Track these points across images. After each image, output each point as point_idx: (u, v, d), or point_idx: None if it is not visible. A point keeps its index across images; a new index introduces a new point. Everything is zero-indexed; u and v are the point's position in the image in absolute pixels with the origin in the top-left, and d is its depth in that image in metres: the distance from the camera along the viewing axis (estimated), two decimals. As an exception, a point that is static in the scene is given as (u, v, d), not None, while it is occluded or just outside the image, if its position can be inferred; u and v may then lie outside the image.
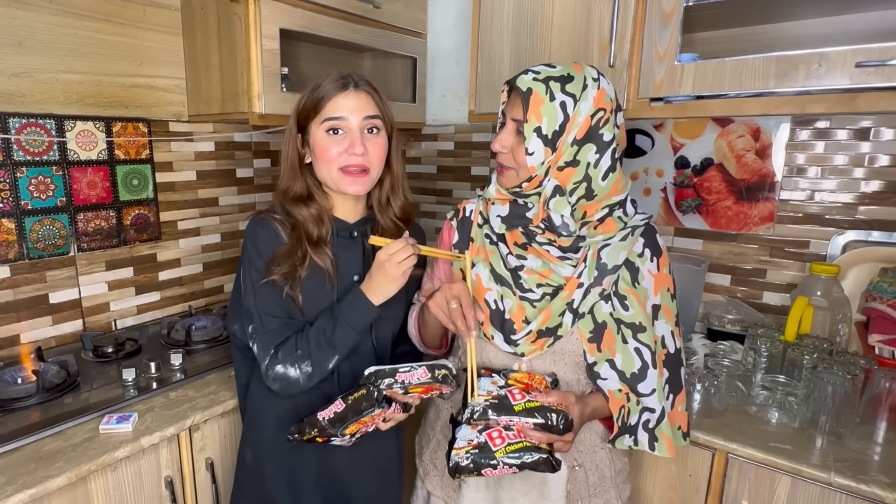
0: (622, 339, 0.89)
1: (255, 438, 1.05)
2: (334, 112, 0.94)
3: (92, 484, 0.98)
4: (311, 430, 0.87)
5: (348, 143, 0.94)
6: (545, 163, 0.85)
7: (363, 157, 0.94)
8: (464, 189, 2.01)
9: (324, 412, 0.87)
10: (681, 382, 0.93)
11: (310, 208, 0.98)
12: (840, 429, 1.04)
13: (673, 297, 0.94)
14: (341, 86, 0.94)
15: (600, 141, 0.85)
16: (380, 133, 0.98)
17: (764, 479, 1.02)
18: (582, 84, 0.84)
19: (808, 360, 1.13)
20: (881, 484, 0.91)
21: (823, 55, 1.03)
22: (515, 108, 0.87)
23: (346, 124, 0.94)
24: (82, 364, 1.30)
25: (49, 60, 1.33)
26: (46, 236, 1.38)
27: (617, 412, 0.88)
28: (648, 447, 0.89)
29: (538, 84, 0.84)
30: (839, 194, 1.35)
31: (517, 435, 0.82)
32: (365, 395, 0.86)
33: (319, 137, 0.95)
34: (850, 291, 1.30)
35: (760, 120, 1.42)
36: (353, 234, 1.02)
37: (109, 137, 1.46)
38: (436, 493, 1.04)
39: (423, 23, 1.88)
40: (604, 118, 0.85)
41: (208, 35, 1.48)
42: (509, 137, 0.88)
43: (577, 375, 0.93)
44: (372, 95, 0.97)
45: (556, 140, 0.84)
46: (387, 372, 0.87)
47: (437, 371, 0.87)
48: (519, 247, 0.94)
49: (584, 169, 0.85)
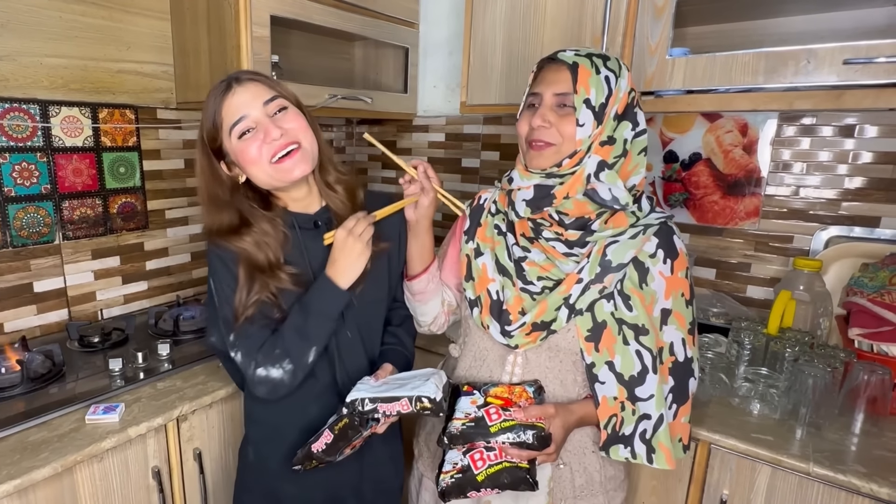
0: (623, 340, 0.87)
1: (257, 437, 1.02)
2: (233, 115, 0.88)
3: (78, 475, 0.97)
4: (311, 462, 0.88)
5: (262, 134, 0.88)
6: (591, 136, 0.84)
7: (284, 137, 0.89)
8: (454, 181, 2.01)
9: (316, 444, 0.87)
10: (687, 393, 0.90)
11: (246, 236, 0.91)
12: (819, 420, 1.06)
13: (688, 304, 0.89)
14: (224, 89, 0.89)
15: (635, 119, 0.87)
16: (288, 109, 0.91)
17: (745, 469, 1.04)
18: (618, 63, 0.87)
19: (790, 352, 1.15)
20: (858, 473, 0.93)
21: (812, 52, 1.04)
22: (557, 84, 0.85)
23: (250, 120, 0.88)
24: (68, 354, 1.29)
25: (33, 44, 1.31)
26: (30, 224, 1.36)
27: (606, 419, 0.87)
28: (646, 460, 0.87)
29: (582, 59, 0.84)
30: (823, 190, 1.37)
31: (498, 455, 0.81)
32: (349, 425, 0.87)
33: (236, 146, 0.89)
34: (831, 286, 1.32)
35: (748, 115, 1.43)
36: (317, 224, 0.99)
37: (95, 124, 1.44)
38: (427, 474, 1.05)
39: (415, 12, 1.86)
40: (636, 97, 0.87)
41: (197, 21, 1.45)
42: (550, 112, 0.86)
43: (575, 375, 0.92)
44: (259, 81, 0.91)
45: (602, 113, 0.84)
46: (367, 402, 0.86)
47: (419, 403, 0.85)
48: (526, 239, 0.94)
49: (622, 145, 0.86)
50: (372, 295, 1.00)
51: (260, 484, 1.03)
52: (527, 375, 0.94)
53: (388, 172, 2.18)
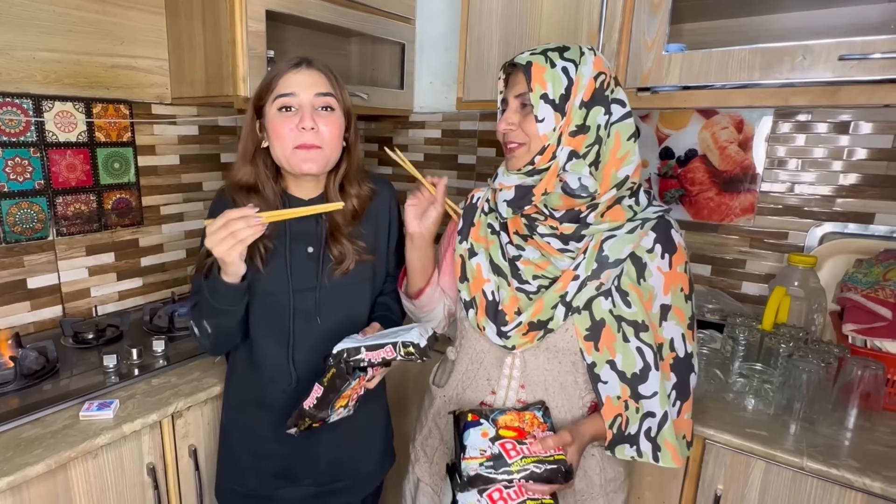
0: (623, 338, 0.85)
1: (226, 402, 1.08)
2: (285, 88, 0.92)
3: (72, 471, 0.97)
4: (304, 421, 0.88)
5: (298, 118, 0.92)
6: (556, 129, 0.83)
7: (314, 134, 0.92)
8: (451, 178, 2.01)
9: (307, 401, 0.87)
10: (689, 389, 0.89)
11: (249, 199, 0.95)
12: (813, 415, 1.07)
13: (687, 298, 0.88)
14: (294, 64, 0.94)
15: (607, 103, 0.85)
16: (334, 112, 0.95)
17: (739, 464, 1.05)
18: (579, 52, 0.85)
19: (784, 348, 1.16)
20: (851, 468, 0.94)
21: (808, 48, 1.05)
22: (517, 86, 0.87)
23: (296, 101, 0.92)
24: (62, 350, 1.28)
25: (26, 38, 1.29)
26: (24, 220, 1.35)
27: (611, 419, 0.86)
28: (652, 458, 0.85)
29: (536, 56, 0.84)
30: (818, 187, 1.37)
31: (518, 492, 0.77)
32: (336, 374, 0.87)
33: (272, 116, 0.94)
34: (825, 282, 1.33)
35: (744, 112, 1.43)
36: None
37: (89, 119, 1.43)
38: (424, 479, 1.04)
39: (411, 8, 1.86)
40: (607, 80, 0.85)
41: (192, 15, 1.45)
42: (514, 114, 0.87)
43: (575, 377, 0.90)
44: (326, 75, 0.95)
45: (563, 104, 0.83)
46: (352, 351, 0.87)
47: (403, 349, 0.86)
48: (520, 237, 0.93)
49: (594, 132, 0.84)
50: (351, 278, 1.01)
51: (226, 449, 1.07)
52: (526, 379, 0.92)
53: (385, 169, 2.18)
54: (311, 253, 0.99)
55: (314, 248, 1.00)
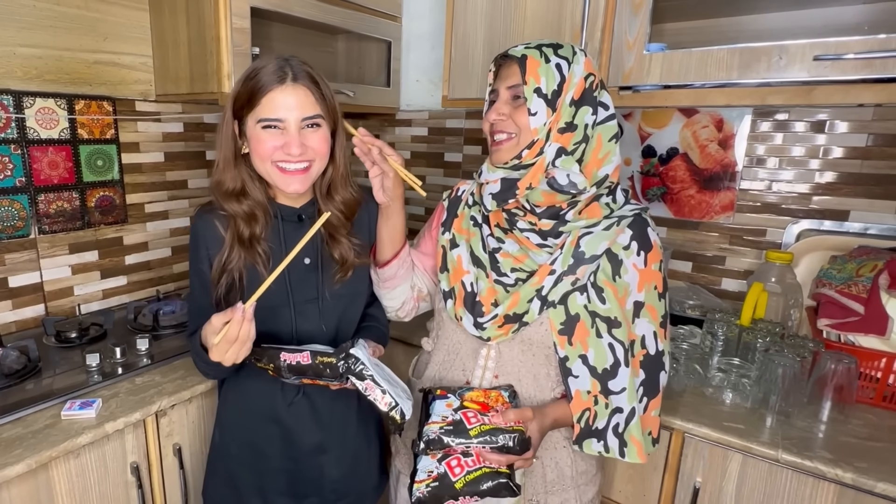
0: (596, 334, 0.87)
1: (224, 420, 1.06)
2: (271, 113, 0.88)
3: (53, 471, 0.97)
4: (268, 364, 0.86)
5: (283, 141, 0.89)
6: (546, 124, 0.85)
7: (301, 157, 0.90)
8: (437, 175, 2.02)
9: (288, 356, 0.85)
10: (658, 387, 0.91)
11: (241, 204, 0.93)
12: (789, 408, 1.09)
13: (661, 297, 0.90)
14: (278, 78, 0.87)
15: (595, 104, 0.87)
16: (321, 128, 0.92)
17: (717, 456, 1.07)
18: (571, 50, 0.87)
19: (762, 343, 1.18)
20: (824, 459, 0.96)
21: (784, 48, 1.07)
22: (509, 78, 0.88)
23: (283, 124, 0.89)
24: (44, 349, 1.27)
25: (6, 33, 1.28)
26: (5, 217, 1.33)
27: (579, 413, 0.87)
28: (619, 453, 0.87)
29: (531, 50, 0.85)
30: (795, 185, 1.40)
31: (476, 461, 0.78)
32: (332, 365, 0.85)
33: (254, 129, 0.90)
34: (802, 278, 1.36)
35: (724, 111, 1.45)
36: (301, 218, 1.00)
37: (72, 115, 1.41)
38: (404, 471, 1.06)
39: (398, 5, 1.86)
40: (595, 82, 0.87)
41: (176, 11, 1.44)
42: (505, 105, 0.88)
43: (548, 369, 0.92)
44: (311, 90, 0.90)
45: (555, 100, 0.85)
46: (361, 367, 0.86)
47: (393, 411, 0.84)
48: (500, 230, 0.94)
49: (582, 131, 0.86)
50: (351, 288, 1.02)
51: (223, 468, 1.05)
52: (500, 370, 0.94)
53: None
54: (308, 264, 0.99)
55: (311, 259, 0.99)
